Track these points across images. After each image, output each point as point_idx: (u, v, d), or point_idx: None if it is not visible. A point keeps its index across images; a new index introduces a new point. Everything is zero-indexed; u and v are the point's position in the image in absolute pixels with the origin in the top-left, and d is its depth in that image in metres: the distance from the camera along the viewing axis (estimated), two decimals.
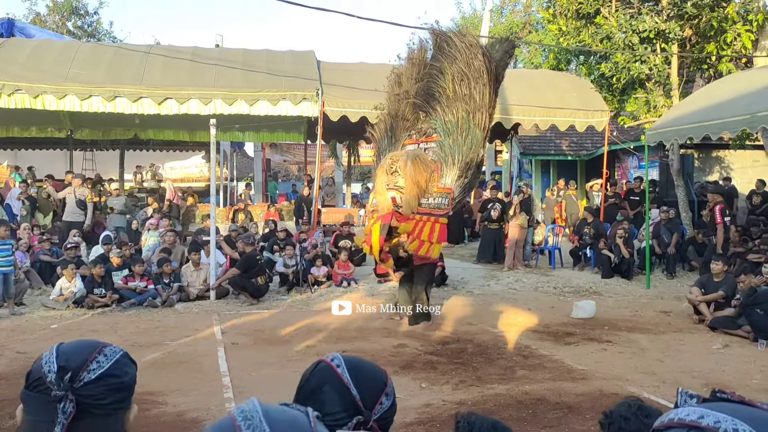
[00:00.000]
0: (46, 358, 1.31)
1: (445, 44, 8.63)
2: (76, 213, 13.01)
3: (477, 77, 8.25)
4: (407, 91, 9.00)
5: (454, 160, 8.28)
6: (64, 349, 1.33)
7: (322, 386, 1.40)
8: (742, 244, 12.41)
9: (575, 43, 15.28)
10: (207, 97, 12.56)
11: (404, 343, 7.56)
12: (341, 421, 1.36)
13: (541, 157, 21.75)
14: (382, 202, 8.48)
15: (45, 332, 8.24)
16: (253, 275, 10.26)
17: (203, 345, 7.59)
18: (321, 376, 1.42)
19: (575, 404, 5.35)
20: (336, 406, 1.37)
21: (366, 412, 1.38)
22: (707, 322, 8.39)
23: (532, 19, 31.64)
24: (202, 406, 5.39)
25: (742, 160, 18.61)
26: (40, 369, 1.30)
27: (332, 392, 1.38)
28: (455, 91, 8.34)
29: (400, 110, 9.10)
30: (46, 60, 12.97)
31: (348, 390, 1.38)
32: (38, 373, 1.29)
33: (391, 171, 8.41)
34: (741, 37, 12.96)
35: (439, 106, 8.55)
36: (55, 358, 1.30)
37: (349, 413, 1.37)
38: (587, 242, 12.87)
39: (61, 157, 19.10)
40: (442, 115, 8.45)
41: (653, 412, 1.74)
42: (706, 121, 9.77)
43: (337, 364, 1.43)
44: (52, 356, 1.31)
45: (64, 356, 1.30)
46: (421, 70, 8.95)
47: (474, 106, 8.23)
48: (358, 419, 1.37)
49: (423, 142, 8.87)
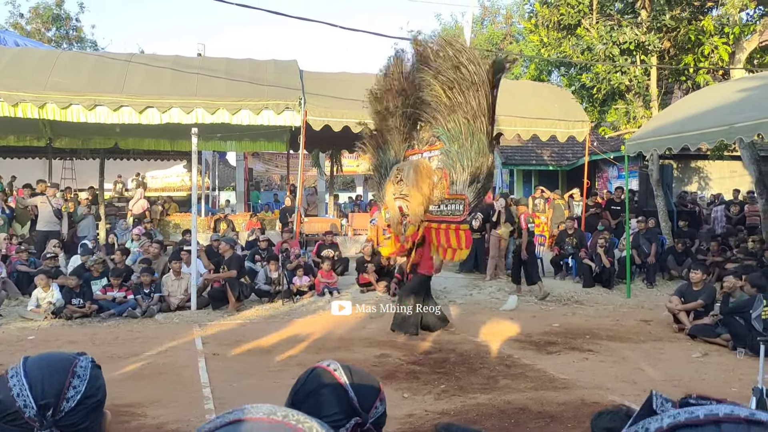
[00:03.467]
0: (16, 389, 1.22)
1: (430, 53, 8.63)
2: (53, 222, 12.85)
3: (470, 84, 8.20)
4: (387, 107, 8.99)
5: (463, 166, 8.23)
6: (35, 376, 1.24)
7: (319, 389, 1.42)
8: (721, 254, 12.57)
9: (556, 54, 15.44)
10: (189, 106, 12.49)
11: (387, 353, 7.54)
12: (339, 423, 1.38)
13: (523, 167, 21.91)
14: (393, 212, 8.53)
15: (22, 343, 8.10)
16: (240, 276, 10.36)
17: (183, 355, 7.51)
18: (318, 379, 1.44)
19: (557, 413, 5.36)
20: (334, 408, 1.39)
21: (363, 414, 1.41)
22: (687, 331, 8.46)
23: (512, 30, 31.94)
24: (182, 418, 5.33)
25: (720, 171, 18.91)
26: (12, 402, 1.21)
27: (330, 394, 1.40)
28: (450, 99, 8.32)
29: (390, 124, 9.09)
30: (26, 68, 12.83)
31: (346, 392, 1.41)
32: (10, 406, 1.21)
33: (396, 180, 8.45)
34: (718, 50, 13.17)
35: (438, 114, 8.54)
36: (28, 391, 1.21)
37: (347, 415, 1.39)
38: (569, 252, 12.95)
39: (40, 165, 18.89)
40: (443, 123, 8.44)
41: None
42: (685, 131, 9.90)
43: (334, 368, 1.45)
44: (23, 388, 1.22)
45: (38, 386, 1.22)
46: (402, 83, 8.95)
47: (472, 113, 8.19)
48: (357, 421, 1.39)
49: (426, 151, 8.88)
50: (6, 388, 1.23)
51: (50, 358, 1.31)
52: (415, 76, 8.84)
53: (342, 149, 18.16)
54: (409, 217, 8.38)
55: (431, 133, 8.76)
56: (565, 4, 14.39)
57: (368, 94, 9.43)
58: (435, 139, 8.71)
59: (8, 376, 1.24)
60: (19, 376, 1.24)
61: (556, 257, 13.32)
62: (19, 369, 1.26)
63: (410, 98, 8.85)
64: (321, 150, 18.62)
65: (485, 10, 32.94)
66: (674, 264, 12.86)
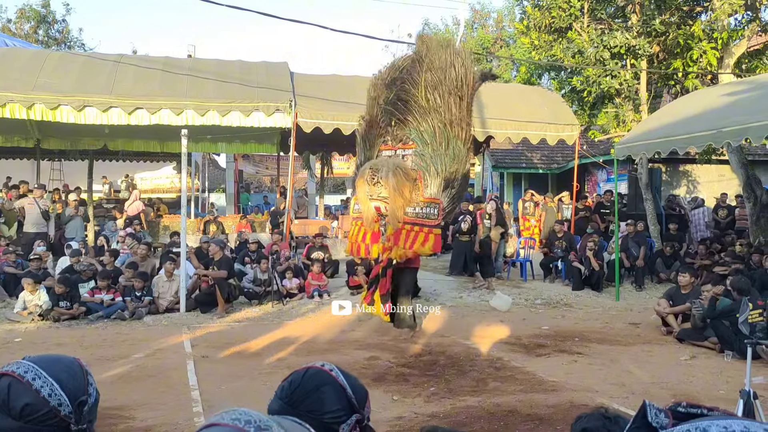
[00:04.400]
0: (46, 389, 1.24)
1: (426, 50, 8.65)
2: (40, 224, 12.76)
3: (454, 88, 8.25)
4: (376, 97, 9.03)
5: (437, 170, 8.29)
6: (61, 377, 1.27)
7: (320, 387, 1.49)
8: (709, 257, 12.65)
9: (547, 57, 15.50)
10: (179, 108, 12.43)
11: (376, 356, 7.53)
12: (340, 419, 1.46)
13: (513, 170, 21.97)
14: (367, 211, 8.52)
15: (9, 346, 8.03)
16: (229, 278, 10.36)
17: (172, 358, 7.47)
18: (317, 379, 1.51)
19: (546, 416, 5.37)
20: (336, 404, 1.47)
21: (362, 411, 1.49)
22: (675, 334, 8.51)
23: (503, 35, 32.03)
24: (170, 421, 5.29)
25: (708, 175, 19.03)
26: (42, 402, 1.23)
27: (331, 392, 1.48)
28: (428, 101, 8.36)
29: (374, 115, 9.14)
30: (14, 68, 12.73)
31: (345, 390, 1.49)
32: (42, 407, 1.23)
33: (373, 182, 8.42)
34: (706, 55, 13.27)
35: (411, 115, 8.57)
36: (60, 390, 1.25)
37: (347, 412, 1.48)
38: (558, 255, 12.98)
39: (28, 167, 18.74)
40: (416, 125, 8.47)
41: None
42: (674, 135, 9.96)
43: (330, 369, 1.53)
44: (54, 388, 1.25)
45: (68, 385, 1.26)
46: (393, 74, 8.98)
47: (450, 118, 8.25)
48: (358, 417, 1.48)
49: (400, 149, 8.90)
50: (30, 391, 1.24)
51: (58, 358, 1.35)
52: (408, 72, 8.83)
53: (333, 151, 18.14)
54: (388, 217, 8.37)
55: (404, 133, 8.80)
56: (556, 7, 14.46)
57: (371, 80, 9.49)
58: (408, 139, 8.76)
59: (27, 378, 1.25)
60: (43, 377, 1.26)
61: (545, 260, 13.35)
62: (38, 370, 1.27)
63: (393, 94, 8.86)
64: (311, 152, 18.59)
65: (476, 14, 33.00)
66: (663, 267, 12.93)
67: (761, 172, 15.63)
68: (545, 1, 14.77)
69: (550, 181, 21.61)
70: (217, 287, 10.09)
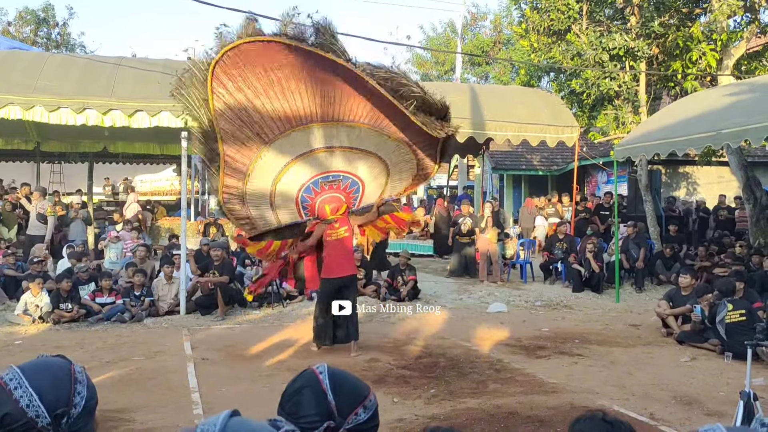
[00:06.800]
0: (24, 399, 1.20)
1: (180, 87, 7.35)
2: (38, 227, 12.77)
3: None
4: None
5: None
6: (42, 385, 1.22)
7: (301, 389, 1.47)
8: (709, 259, 12.65)
9: (546, 59, 15.52)
10: (179, 110, 12.40)
11: (376, 358, 7.53)
12: (313, 425, 1.42)
13: (512, 172, 21.97)
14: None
15: (9, 348, 8.03)
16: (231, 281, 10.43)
17: (172, 360, 7.47)
18: (303, 380, 1.49)
19: (547, 417, 5.38)
20: (311, 410, 1.43)
21: (338, 420, 1.43)
22: (675, 336, 8.51)
23: (501, 38, 32.04)
24: (170, 423, 5.29)
25: (708, 176, 19.03)
26: (21, 413, 1.19)
27: (310, 395, 1.45)
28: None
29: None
30: (14, 71, 12.72)
31: (325, 395, 1.45)
32: (20, 418, 1.20)
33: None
34: (706, 56, 13.29)
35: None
36: (39, 401, 1.20)
37: (322, 418, 1.43)
38: (558, 256, 12.99)
39: (28, 169, 18.74)
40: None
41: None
42: (673, 137, 9.97)
43: (320, 371, 1.50)
44: (33, 398, 1.20)
45: (47, 395, 1.22)
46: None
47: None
48: (329, 424, 1.42)
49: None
50: (11, 400, 1.20)
51: (48, 364, 1.29)
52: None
53: None
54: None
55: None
56: (555, 9, 14.48)
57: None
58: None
59: (9, 387, 1.22)
60: (24, 386, 1.22)
61: (545, 262, 13.36)
62: (21, 378, 1.23)
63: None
64: None
65: (473, 17, 33.01)
66: (663, 269, 12.93)
67: (761, 174, 15.63)
68: (543, 4, 14.79)
69: (550, 183, 21.61)
70: (219, 291, 10.09)
